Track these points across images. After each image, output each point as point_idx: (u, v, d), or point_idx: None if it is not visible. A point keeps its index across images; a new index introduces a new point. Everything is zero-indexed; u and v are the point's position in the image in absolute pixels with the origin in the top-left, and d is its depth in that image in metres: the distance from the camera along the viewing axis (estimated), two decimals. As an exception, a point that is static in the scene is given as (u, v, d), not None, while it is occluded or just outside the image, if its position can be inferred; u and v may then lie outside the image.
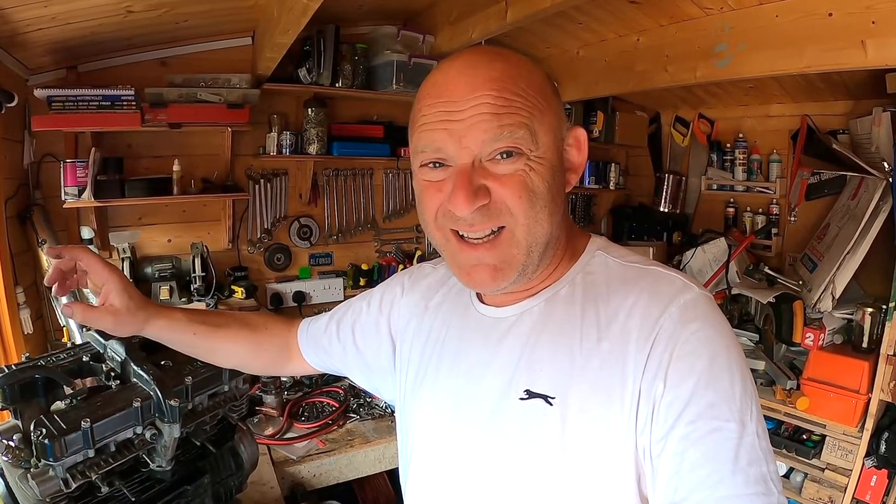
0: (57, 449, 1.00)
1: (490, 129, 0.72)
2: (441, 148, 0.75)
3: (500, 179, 0.73)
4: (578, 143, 0.82)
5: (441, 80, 0.76)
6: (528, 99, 0.73)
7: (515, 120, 0.72)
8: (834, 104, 2.93)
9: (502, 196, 0.73)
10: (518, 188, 0.73)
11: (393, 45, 2.76)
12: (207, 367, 1.28)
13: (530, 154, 0.73)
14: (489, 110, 0.71)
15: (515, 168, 0.73)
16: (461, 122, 0.72)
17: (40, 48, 2.09)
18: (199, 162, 2.66)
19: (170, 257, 2.62)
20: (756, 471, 0.63)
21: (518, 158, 0.73)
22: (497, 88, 0.72)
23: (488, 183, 0.73)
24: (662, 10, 2.39)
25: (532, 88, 0.74)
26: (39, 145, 2.33)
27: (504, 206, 0.74)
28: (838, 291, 2.41)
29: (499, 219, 0.75)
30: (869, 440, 2.22)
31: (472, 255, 0.78)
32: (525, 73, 0.75)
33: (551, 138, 0.76)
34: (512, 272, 0.77)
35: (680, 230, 3.71)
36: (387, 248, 3.36)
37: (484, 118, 0.71)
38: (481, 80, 0.73)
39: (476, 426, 0.83)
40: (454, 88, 0.74)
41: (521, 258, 0.77)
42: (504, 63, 0.75)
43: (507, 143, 0.72)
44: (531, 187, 0.74)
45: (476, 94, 0.72)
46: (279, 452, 2.17)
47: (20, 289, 2.08)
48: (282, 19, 1.94)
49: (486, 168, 0.74)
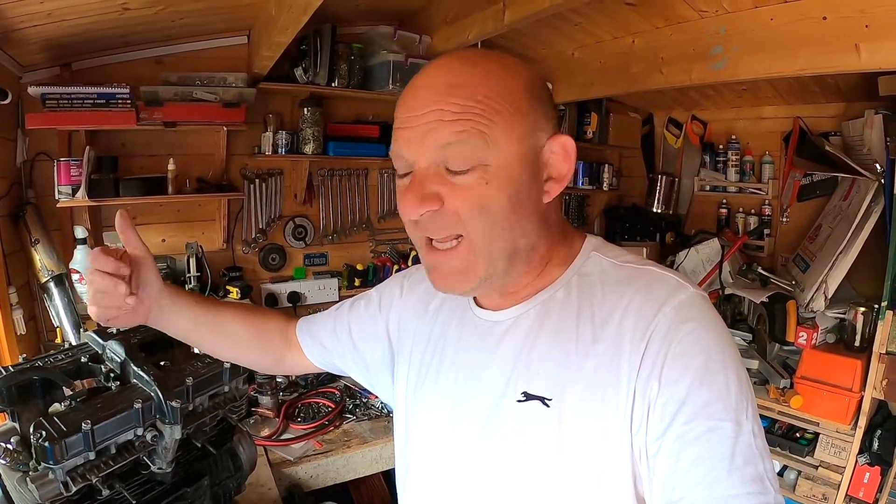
0: (57, 452, 0.99)
1: (441, 136, 0.72)
2: (402, 154, 0.76)
3: (454, 189, 0.74)
4: (565, 151, 0.79)
5: (410, 88, 0.77)
6: (490, 105, 0.72)
7: (469, 126, 0.71)
8: (826, 106, 2.96)
9: (454, 205, 0.74)
10: (469, 200, 0.73)
11: (389, 45, 2.76)
12: (207, 367, 1.28)
13: (487, 164, 0.73)
14: (442, 117, 0.72)
15: (470, 180, 0.73)
16: (416, 129, 0.74)
17: (34, 45, 2.07)
18: (194, 161, 2.64)
19: (164, 257, 2.61)
20: (752, 470, 0.63)
21: (473, 170, 0.73)
22: (454, 95, 0.72)
23: (442, 190, 0.74)
24: (658, 13, 2.40)
25: (496, 95, 0.73)
26: (32, 143, 2.30)
27: (456, 216, 0.74)
28: (831, 291, 2.44)
29: (454, 227, 0.75)
30: (862, 438, 2.25)
31: (434, 259, 0.80)
32: (494, 80, 0.74)
33: (516, 147, 0.74)
34: (472, 279, 0.78)
35: (673, 231, 3.73)
36: (382, 248, 3.35)
37: (435, 125, 0.72)
38: (440, 87, 0.73)
39: (474, 428, 0.83)
40: (416, 97, 0.75)
41: (482, 266, 0.77)
42: (470, 69, 0.75)
43: (458, 150, 0.72)
44: (484, 201, 0.73)
45: (434, 100, 0.73)
46: (276, 454, 2.16)
47: (13, 289, 2.06)
48: (280, 18, 1.93)
49: (442, 175, 0.74)
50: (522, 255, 0.79)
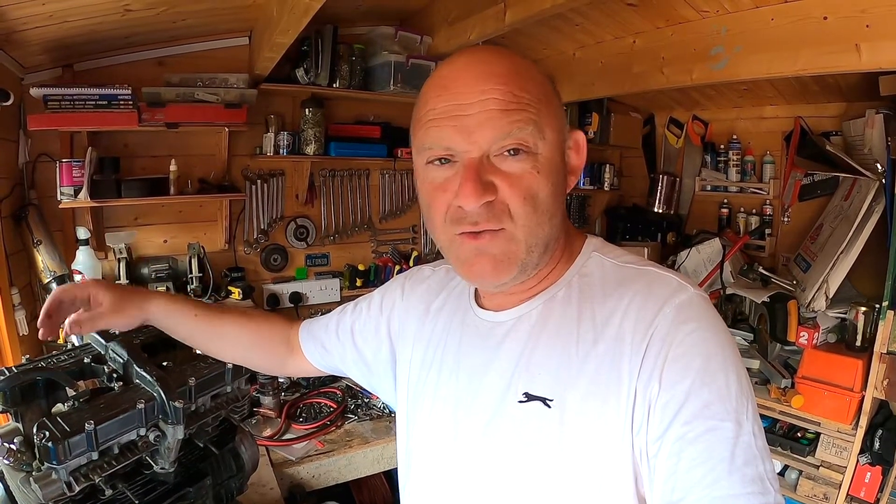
0: (60, 452, 0.99)
1: (500, 125, 0.71)
2: (450, 144, 0.74)
3: (508, 178, 0.73)
4: (578, 145, 0.83)
5: (448, 75, 0.76)
6: (535, 97, 0.74)
7: (524, 116, 0.72)
8: (827, 106, 2.95)
9: (506, 197, 0.73)
10: (523, 191, 0.73)
11: (391, 45, 2.76)
12: (210, 367, 1.28)
13: (538, 152, 0.74)
14: (498, 106, 0.71)
15: (523, 168, 0.73)
16: (470, 117, 0.72)
17: (36, 46, 2.07)
18: (195, 162, 2.65)
19: (166, 258, 2.62)
20: (752, 470, 0.63)
21: (526, 157, 0.73)
22: (505, 83, 0.72)
23: (496, 180, 0.73)
24: (659, 13, 2.40)
25: (537, 88, 0.75)
26: (34, 145, 2.31)
27: (506, 209, 0.74)
28: (832, 291, 2.44)
29: (500, 221, 0.74)
30: (863, 437, 2.24)
31: (473, 245, 0.76)
32: (530, 73, 0.76)
33: (556, 138, 0.77)
34: (512, 267, 0.77)
35: (674, 231, 3.72)
36: (383, 248, 3.35)
37: (493, 114, 0.71)
38: (490, 76, 0.73)
39: (476, 429, 0.83)
40: (462, 83, 0.74)
41: (521, 255, 0.76)
42: (509, 61, 0.76)
43: (515, 139, 0.72)
44: (536, 191, 0.74)
45: (485, 89, 0.72)
46: (278, 454, 2.16)
47: (15, 290, 2.06)
48: (282, 19, 1.93)
49: (494, 164, 0.73)
50: (552, 247, 0.80)
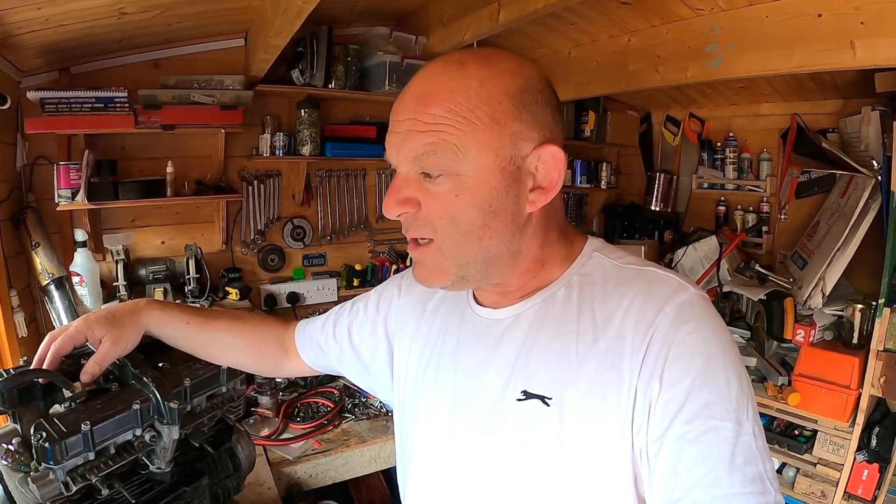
0: (57, 452, 1.00)
1: (414, 146, 0.74)
2: (388, 156, 0.79)
3: (429, 196, 0.76)
4: (555, 160, 0.76)
5: (403, 89, 0.79)
6: (462, 115, 0.72)
7: (438, 138, 0.72)
8: (824, 103, 2.95)
9: (427, 213, 0.76)
10: (440, 210, 0.75)
11: (386, 46, 2.76)
12: (205, 368, 1.28)
13: (459, 174, 0.73)
14: (413, 127, 0.73)
15: (440, 190, 0.75)
16: (398, 135, 0.76)
17: (33, 50, 2.08)
18: (192, 163, 2.66)
19: (164, 259, 2.62)
20: (752, 470, 0.64)
21: (445, 178, 0.74)
22: (426, 105, 0.73)
23: (419, 195, 0.76)
24: (653, 11, 2.40)
25: (472, 104, 0.72)
26: (32, 148, 2.31)
27: (429, 222, 0.76)
28: (828, 288, 2.44)
29: (426, 231, 0.77)
30: (860, 435, 2.25)
31: (413, 253, 0.82)
32: (473, 88, 0.73)
33: (491, 158, 0.73)
34: (443, 278, 0.80)
35: (671, 229, 3.73)
36: (380, 248, 3.36)
37: (410, 135, 0.74)
38: (417, 96, 0.75)
39: (474, 427, 0.84)
40: (402, 100, 0.77)
41: (452, 269, 0.79)
42: (449, 76, 0.74)
43: (429, 162, 0.74)
44: (453, 213, 0.75)
45: (409, 108, 0.74)
46: (275, 453, 2.17)
47: (14, 292, 2.07)
48: (276, 21, 1.94)
49: (419, 181, 0.76)
50: (504, 260, 0.80)
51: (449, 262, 0.78)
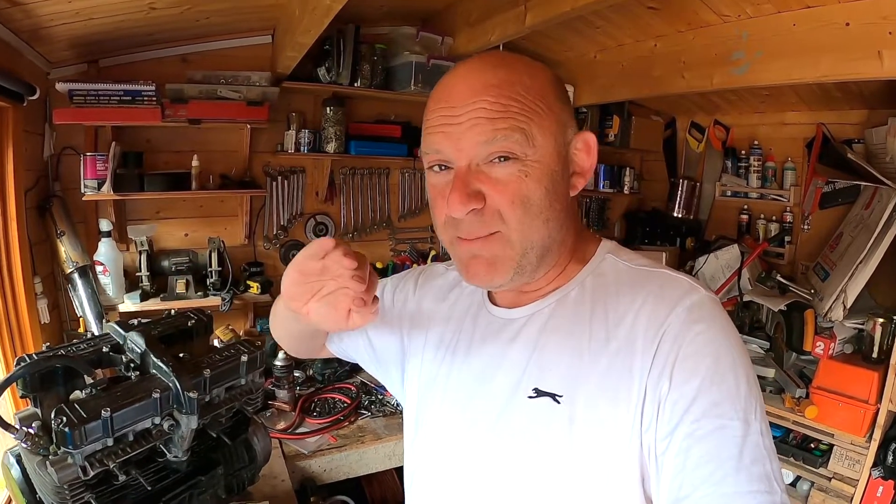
0: (77, 437, 1.01)
1: (484, 132, 0.74)
2: (440, 150, 0.78)
3: (496, 185, 0.75)
4: (588, 146, 0.83)
5: (445, 86, 0.80)
6: (526, 104, 0.75)
7: (510, 124, 0.74)
8: (849, 113, 2.92)
9: (496, 203, 0.76)
10: (511, 195, 0.75)
11: (412, 45, 2.78)
12: (225, 360, 1.30)
13: (526, 158, 0.75)
14: (484, 115, 0.74)
15: (510, 172, 0.75)
16: (458, 126, 0.75)
17: (63, 42, 2.12)
18: (217, 158, 2.69)
19: (186, 251, 2.66)
20: (759, 469, 0.64)
21: (513, 163, 0.75)
22: (494, 94, 0.74)
23: (484, 188, 0.76)
24: (680, 17, 2.39)
25: (531, 93, 0.76)
26: (59, 138, 2.36)
27: (497, 214, 0.76)
28: (850, 301, 2.41)
29: (490, 225, 0.77)
30: (876, 451, 2.22)
31: (468, 248, 0.80)
32: (526, 79, 0.77)
33: (551, 142, 0.77)
34: (507, 269, 0.79)
35: (693, 236, 3.71)
36: (401, 247, 3.38)
37: (479, 122, 0.74)
38: (480, 86, 0.75)
39: (486, 424, 0.84)
40: (455, 94, 0.77)
41: (516, 258, 0.78)
42: (505, 69, 0.77)
43: (500, 146, 0.74)
44: (525, 193, 0.75)
45: (474, 100, 0.75)
46: (290, 446, 2.19)
47: (38, 279, 2.12)
48: (304, 19, 1.96)
49: (482, 172, 0.76)
50: (554, 249, 0.81)
51: (515, 250, 0.78)
